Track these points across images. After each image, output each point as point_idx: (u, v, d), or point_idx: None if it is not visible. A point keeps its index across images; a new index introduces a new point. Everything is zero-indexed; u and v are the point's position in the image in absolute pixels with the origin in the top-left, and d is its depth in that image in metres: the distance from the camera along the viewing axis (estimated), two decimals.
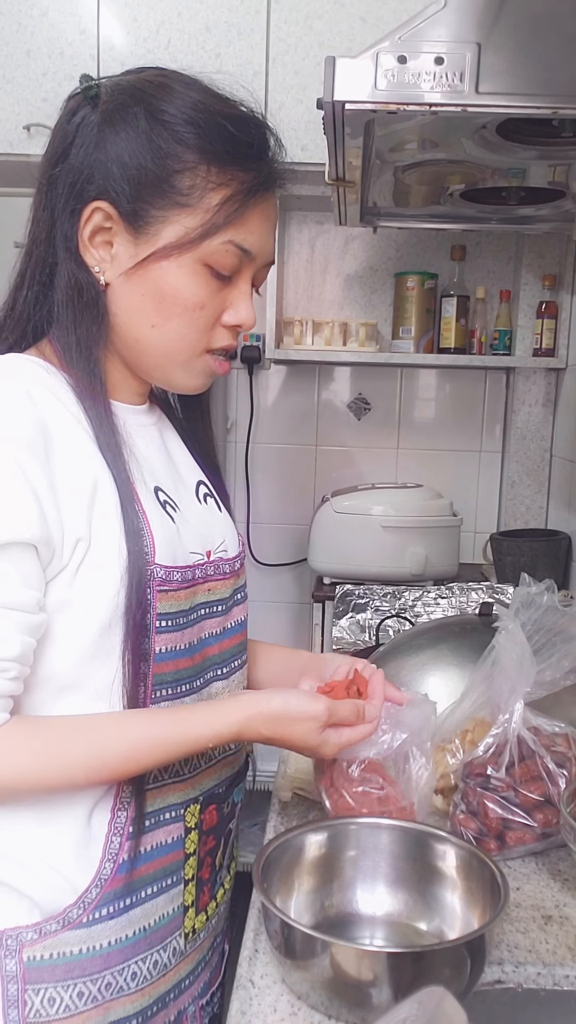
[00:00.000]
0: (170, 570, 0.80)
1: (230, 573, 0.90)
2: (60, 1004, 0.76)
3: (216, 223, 0.78)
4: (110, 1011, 0.78)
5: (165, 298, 0.79)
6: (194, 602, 0.84)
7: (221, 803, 0.88)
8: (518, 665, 0.93)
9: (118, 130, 0.78)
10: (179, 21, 1.99)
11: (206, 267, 0.79)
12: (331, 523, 2.16)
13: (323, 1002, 0.70)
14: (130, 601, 0.76)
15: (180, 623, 0.81)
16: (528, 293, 2.34)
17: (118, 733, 0.76)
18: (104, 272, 0.80)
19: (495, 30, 1.06)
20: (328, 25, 1.97)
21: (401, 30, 1.08)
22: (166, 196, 0.77)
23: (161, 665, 0.79)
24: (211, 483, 0.95)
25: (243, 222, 0.79)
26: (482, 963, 0.70)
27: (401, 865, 0.83)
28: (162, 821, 0.81)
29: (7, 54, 2.01)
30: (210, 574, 0.87)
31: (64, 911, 0.76)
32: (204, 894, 0.86)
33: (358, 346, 2.37)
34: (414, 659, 1.24)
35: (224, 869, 0.92)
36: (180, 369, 0.84)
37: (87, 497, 0.75)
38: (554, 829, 0.91)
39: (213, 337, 0.83)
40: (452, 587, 1.88)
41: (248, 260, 0.81)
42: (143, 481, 0.81)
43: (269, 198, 0.82)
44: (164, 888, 0.82)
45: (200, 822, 0.85)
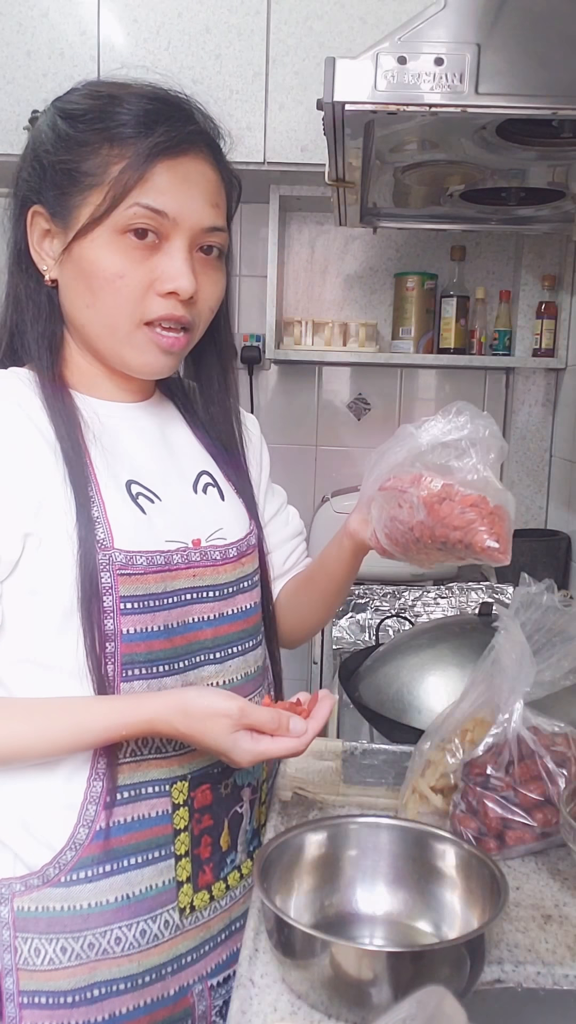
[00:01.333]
0: (132, 554, 0.84)
1: (222, 560, 0.92)
2: (45, 956, 0.82)
3: (118, 191, 0.81)
4: (96, 971, 0.82)
5: (88, 275, 0.84)
6: (172, 587, 0.87)
7: (216, 783, 0.90)
8: (518, 665, 0.93)
9: (37, 140, 0.87)
10: (179, 22, 1.99)
11: (122, 235, 0.82)
12: (331, 523, 2.16)
13: (323, 1001, 0.70)
14: (83, 583, 0.81)
15: (150, 605, 0.85)
16: (528, 293, 2.34)
17: (45, 713, 0.81)
18: (49, 270, 0.87)
19: (495, 31, 1.07)
20: (328, 26, 1.97)
21: (401, 31, 1.08)
22: (77, 182, 0.83)
23: (131, 645, 0.83)
24: (224, 474, 0.98)
25: (147, 183, 0.82)
26: (482, 962, 0.70)
27: (401, 864, 0.83)
28: (144, 795, 0.85)
29: (7, 55, 2.01)
30: (195, 560, 0.89)
31: (42, 868, 0.83)
32: (204, 872, 0.89)
33: (358, 346, 2.37)
34: (414, 659, 1.24)
35: (238, 852, 0.93)
36: (125, 347, 0.86)
37: (35, 496, 0.81)
38: (554, 829, 0.91)
39: (147, 307, 0.84)
40: (452, 587, 1.88)
41: (168, 222, 0.83)
42: (112, 474, 0.86)
43: (180, 158, 0.83)
44: (151, 860, 0.85)
45: (190, 799, 0.88)
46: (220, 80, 1.99)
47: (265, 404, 2.55)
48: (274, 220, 2.27)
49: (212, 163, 0.87)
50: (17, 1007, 0.82)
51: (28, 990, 0.82)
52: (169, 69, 2.17)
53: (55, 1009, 0.82)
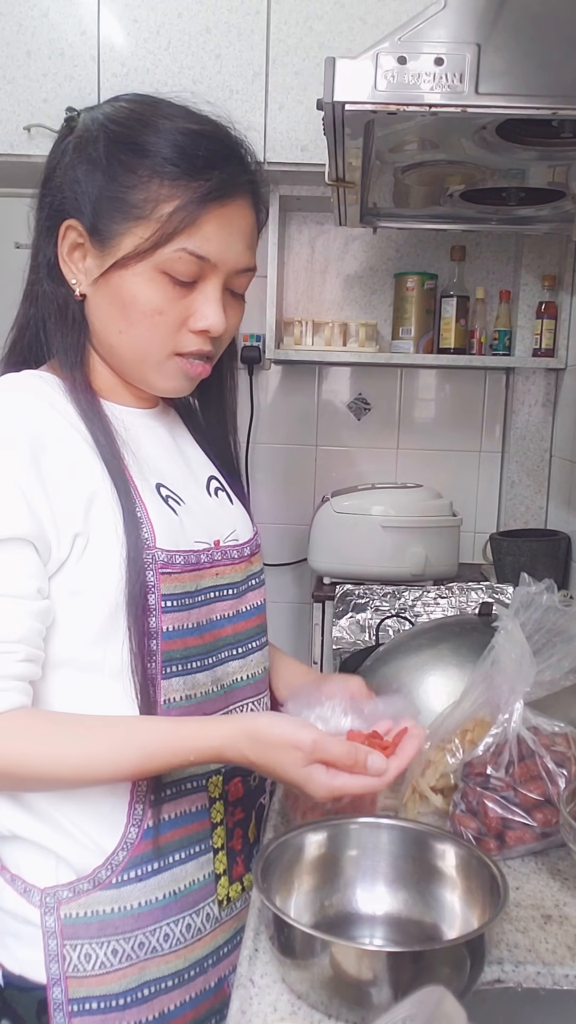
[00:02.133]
0: (172, 554, 0.85)
1: (239, 559, 0.95)
2: (96, 960, 0.82)
3: (167, 232, 0.82)
4: (145, 970, 0.84)
5: (126, 305, 0.85)
6: (201, 585, 0.89)
7: (247, 775, 0.92)
8: (517, 665, 0.93)
9: (82, 155, 0.85)
10: (179, 22, 1.99)
11: (163, 274, 0.83)
12: (331, 523, 2.16)
13: (323, 1001, 0.70)
14: (131, 582, 0.81)
15: (186, 603, 0.86)
16: (528, 293, 2.34)
17: (111, 737, 0.79)
18: (79, 284, 0.87)
19: (495, 31, 1.07)
20: (328, 26, 1.97)
21: (401, 31, 1.08)
22: (122, 211, 0.83)
23: (170, 643, 0.85)
24: (225, 480, 1.01)
25: (196, 229, 0.82)
26: (482, 962, 0.70)
27: (401, 864, 0.83)
28: (184, 791, 0.87)
29: (8, 55, 2.01)
30: (217, 559, 0.92)
31: (94, 872, 0.83)
32: (237, 864, 0.91)
33: (358, 346, 2.37)
34: (414, 659, 1.24)
35: (260, 843, 0.95)
36: (153, 372, 0.89)
37: (84, 495, 0.82)
38: (554, 829, 0.91)
39: (180, 341, 0.87)
40: (452, 587, 1.88)
41: (209, 266, 0.84)
42: (143, 477, 0.88)
43: (228, 205, 0.84)
44: (193, 855, 0.87)
45: (225, 793, 0.90)
46: (220, 80, 2.00)
47: (265, 404, 2.55)
48: (274, 220, 2.27)
49: (253, 205, 0.88)
50: (66, 1016, 0.81)
51: (78, 997, 0.81)
52: (169, 69, 2.19)
53: (107, 1013, 0.82)
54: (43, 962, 0.82)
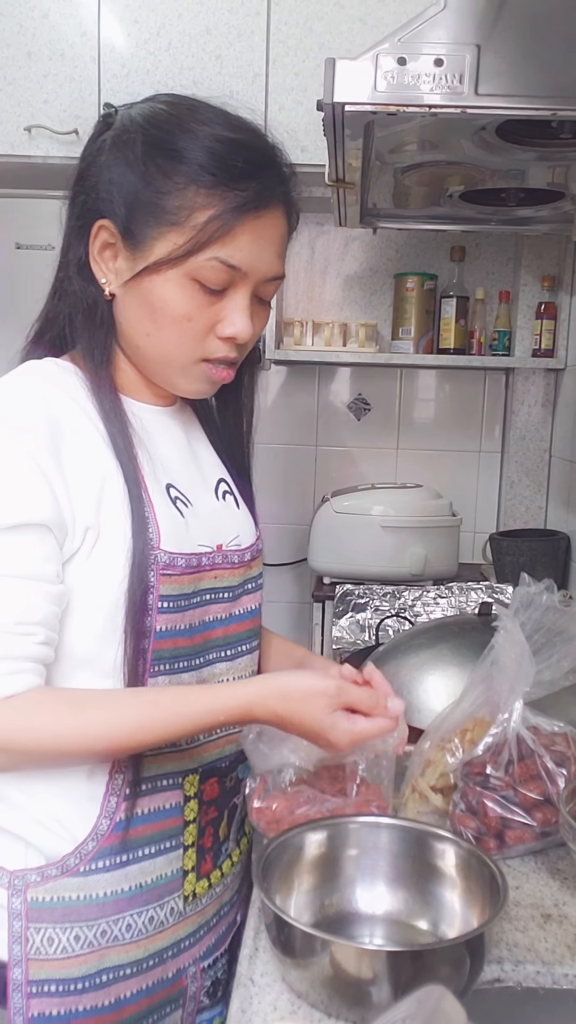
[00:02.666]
0: (174, 556, 0.86)
1: (239, 563, 0.95)
2: (58, 945, 0.83)
3: (201, 240, 0.82)
4: (105, 957, 0.85)
5: (155, 309, 0.85)
6: (198, 587, 0.89)
7: (223, 776, 0.93)
8: (517, 665, 0.93)
9: (119, 155, 0.84)
10: (180, 23, 1.99)
11: (194, 281, 0.83)
12: (331, 523, 2.16)
13: (323, 1000, 0.70)
14: (132, 581, 0.82)
15: (181, 605, 0.87)
16: (527, 294, 2.34)
17: (138, 704, 0.81)
18: (109, 284, 0.87)
19: (494, 32, 1.07)
20: (328, 27, 1.97)
21: (401, 32, 1.08)
22: (157, 216, 0.83)
23: (160, 643, 0.85)
24: (235, 483, 1.02)
25: (230, 239, 0.82)
26: (481, 962, 0.70)
27: (401, 864, 0.83)
28: (160, 787, 0.87)
29: (8, 55, 2.01)
30: (218, 563, 0.92)
31: (63, 859, 0.84)
32: (206, 861, 0.91)
33: (358, 347, 2.37)
34: (413, 659, 1.24)
35: (231, 841, 0.96)
36: (178, 375, 0.89)
37: (96, 489, 0.83)
38: (553, 828, 0.91)
39: (207, 347, 0.87)
40: (451, 587, 1.88)
41: (239, 275, 0.84)
42: (155, 477, 0.88)
43: (263, 216, 0.84)
44: (163, 851, 0.88)
45: (200, 792, 0.90)
46: (220, 81, 2.00)
47: (265, 404, 2.55)
48: None
49: (286, 215, 0.88)
50: (24, 997, 0.83)
51: (37, 979, 0.83)
52: (170, 70, 2.20)
53: (64, 996, 0.83)
54: (6, 942, 0.83)
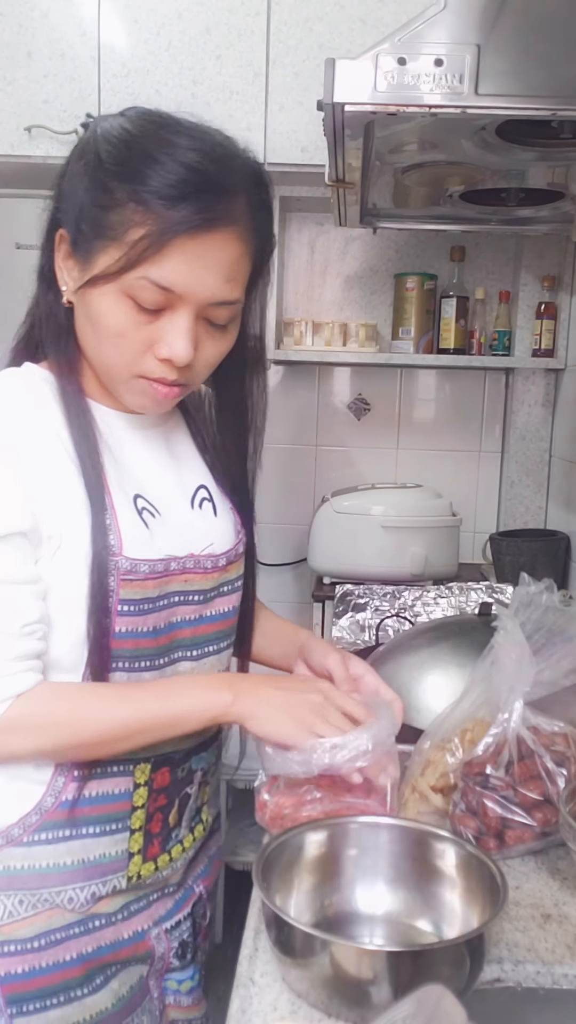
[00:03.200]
0: (136, 562, 0.87)
1: (212, 569, 0.95)
2: (3, 910, 0.87)
3: (132, 258, 0.80)
4: (53, 918, 0.88)
5: (94, 322, 0.85)
6: (165, 590, 0.90)
7: (176, 767, 0.94)
8: (517, 664, 0.93)
9: (79, 167, 0.85)
10: (180, 23, 1.99)
11: (129, 298, 0.82)
12: (331, 523, 2.16)
13: (323, 1001, 0.70)
14: (92, 585, 0.84)
15: (144, 608, 0.88)
16: (527, 294, 2.34)
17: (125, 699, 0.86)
18: (67, 292, 0.87)
19: (494, 32, 1.07)
20: (328, 27, 1.97)
21: (401, 32, 1.08)
22: (99, 230, 0.82)
23: (121, 643, 0.87)
24: (220, 485, 1.01)
25: (161, 259, 0.80)
26: (481, 962, 0.70)
27: (400, 864, 0.83)
28: (110, 773, 0.89)
29: (8, 55, 2.01)
30: (189, 567, 0.93)
31: (7, 828, 0.87)
32: (153, 846, 0.93)
33: (358, 347, 2.37)
34: (413, 659, 1.24)
35: (182, 828, 0.97)
36: (121, 388, 0.89)
37: (58, 497, 0.84)
38: (553, 828, 0.91)
39: (144, 365, 0.85)
40: (451, 587, 1.88)
41: (175, 297, 0.82)
42: (122, 486, 0.89)
43: (201, 237, 0.80)
44: (108, 832, 0.90)
45: (151, 780, 0.92)
46: (220, 81, 2.00)
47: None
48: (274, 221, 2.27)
49: (238, 235, 0.83)
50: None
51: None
52: (170, 70, 2.20)
53: (24, 955, 0.87)
54: None
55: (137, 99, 1.99)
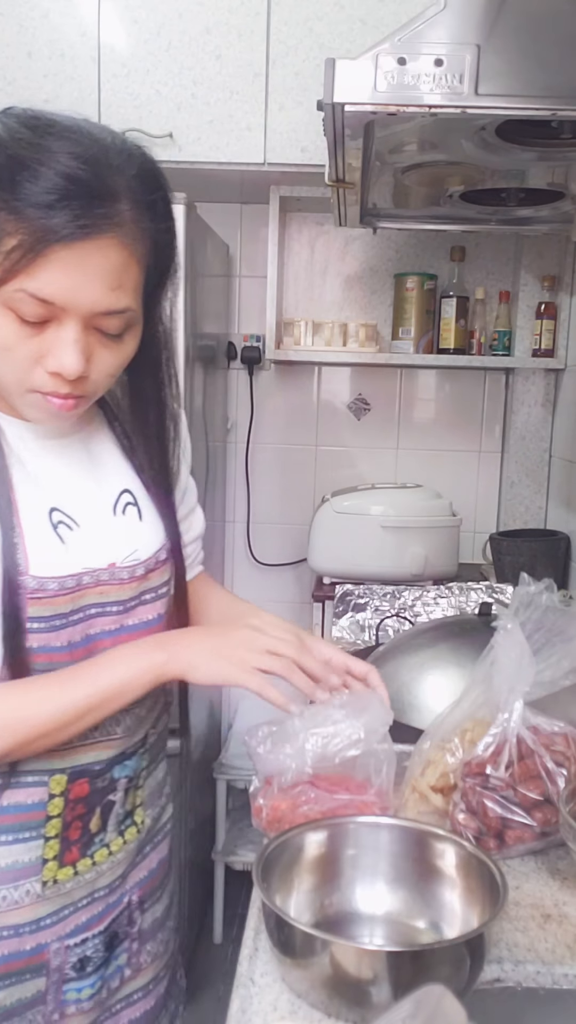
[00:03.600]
0: (43, 580, 0.85)
1: (129, 579, 0.92)
2: None
3: (7, 269, 0.75)
4: None
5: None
6: (79, 604, 0.88)
7: (95, 777, 0.92)
8: (517, 664, 0.93)
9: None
10: (180, 22, 1.99)
11: (10, 311, 0.78)
12: (331, 523, 2.16)
13: (323, 1001, 0.70)
14: (4, 609, 0.83)
15: (56, 624, 0.86)
16: (527, 294, 2.34)
17: (63, 687, 0.84)
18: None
19: (494, 32, 1.07)
20: (328, 27, 1.97)
21: (401, 32, 1.08)
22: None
23: (34, 657, 0.86)
24: (145, 487, 0.96)
25: (36, 270, 0.75)
26: (481, 962, 0.70)
27: (400, 864, 0.83)
28: (23, 783, 0.88)
29: (8, 55, 2.01)
30: (103, 579, 0.90)
31: None
32: (71, 851, 0.91)
33: (358, 347, 2.37)
34: (413, 659, 1.24)
35: (108, 832, 0.95)
36: (18, 403, 0.85)
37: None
38: (553, 828, 0.91)
39: (34, 379, 0.81)
40: (451, 587, 1.88)
41: (57, 309, 0.77)
42: (34, 502, 0.87)
43: (77, 246, 0.75)
44: (21, 839, 0.88)
45: (67, 791, 0.90)
46: (220, 81, 2.00)
47: (265, 404, 2.55)
48: (274, 221, 2.27)
49: (121, 241, 0.78)
50: None
51: None
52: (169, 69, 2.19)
53: None
54: None
55: (137, 99, 2.01)
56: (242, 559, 2.59)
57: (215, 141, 2.01)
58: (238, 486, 2.57)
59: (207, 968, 2.25)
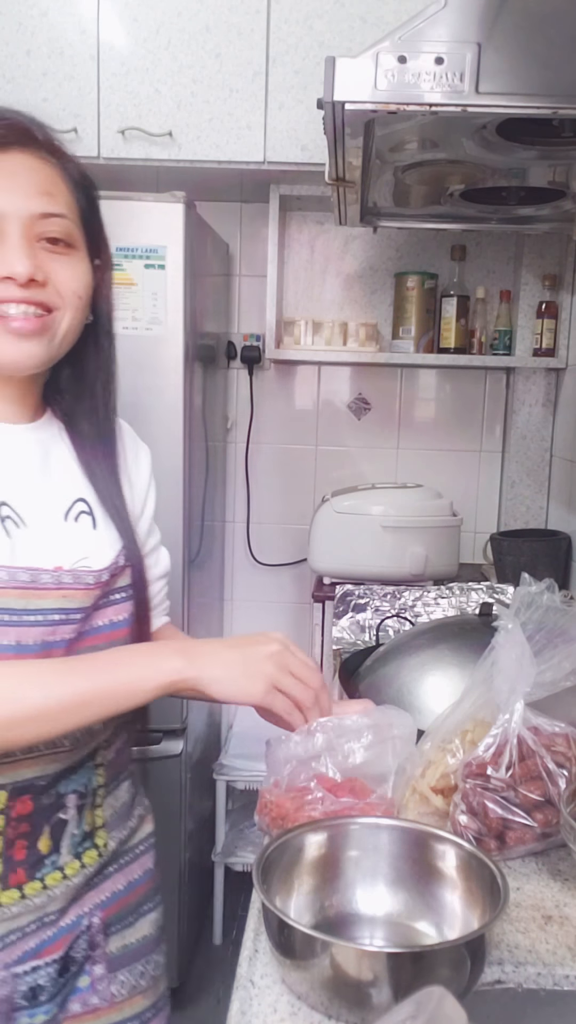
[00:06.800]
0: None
1: (94, 584, 0.91)
2: None
3: None
4: None
5: None
6: (36, 605, 0.86)
7: (39, 794, 0.89)
8: (518, 665, 0.93)
9: None
10: (179, 21, 1.99)
11: None
12: (331, 523, 2.16)
13: (323, 1002, 0.70)
14: None
15: (3, 620, 0.84)
16: (528, 293, 2.34)
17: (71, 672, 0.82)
18: None
19: (495, 30, 1.07)
20: (328, 25, 1.97)
21: (401, 30, 1.08)
22: None
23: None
24: (101, 498, 0.96)
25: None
26: (482, 963, 0.69)
27: (401, 865, 0.82)
28: None
29: (7, 54, 2.01)
30: (66, 582, 0.88)
31: None
32: (16, 873, 0.87)
33: (358, 346, 2.37)
34: (414, 659, 1.24)
35: (62, 855, 0.91)
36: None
37: None
38: (554, 829, 0.91)
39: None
40: (452, 587, 1.88)
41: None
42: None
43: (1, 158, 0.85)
44: None
45: (8, 808, 0.86)
46: (220, 79, 1.99)
47: (265, 404, 2.55)
48: (274, 220, 2.27)
49: (42, 158, 0.87)
50: None
51: None
52: (169, 68, 2.19)
53: None
54: None
55: (137, 97, 2.00)
56: (242, 559, 2.59)
57: (215, 140, 2.01)
58: (238, 486, 2.56)
59: (206, 970, 2.25)
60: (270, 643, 0.85)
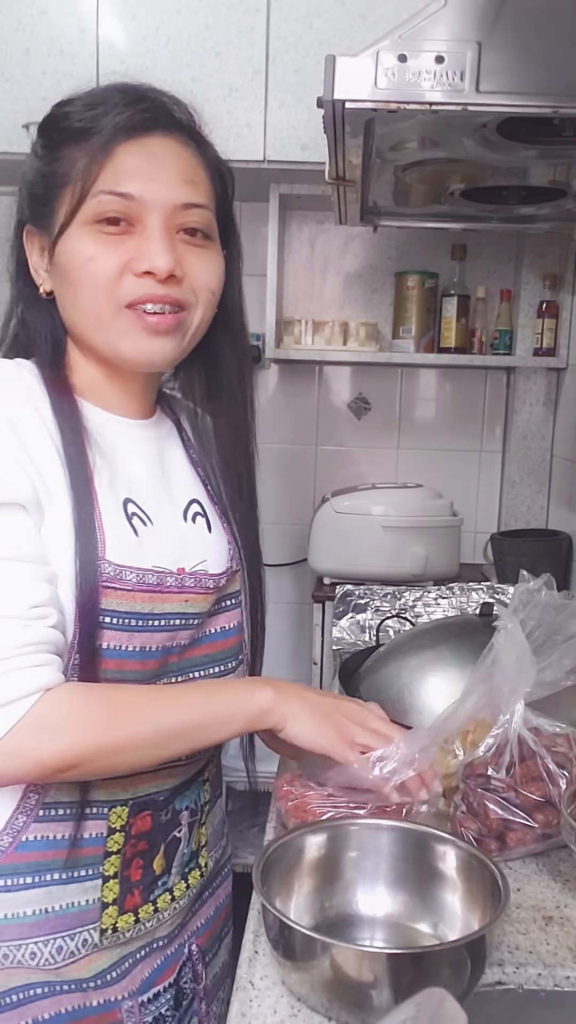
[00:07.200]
0: (121, 569, 0.81)
1: (214, 588, 0.90)
2: None
3: (87, 182, 0.81)
4: (13, 976, 0.79)
5: (65, 269, 0.83)
6: (161, 609, 0.84)
7: (158, 810, 0.87)
8: (518, 665, 0.92)
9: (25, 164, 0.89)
10: (178, 19, 1.98)
11: (93, 224, 0.82)
12: (331, 523, 2.16)
13: (323, 1004, 0.70)
14: (81, 591, 0.78)
15: (130, 624, 0.81)
16: (529, 293, 2.33)
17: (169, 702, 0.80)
18: (44, 282, 0.87)
19: (496, 29, 1.06)
20: (328, 23, 1.96)
21: (401, 28, 1.08)
22: (52, 187, 0.84)
23: (104, 662, 0.80)
24: (212, 501, 0.96)
25: (111, 169, 0.81)
26: (482, 964, 0.69)
27: (401, 866, 0.82)
28: (82, 815, 0.81)
29: (6, 52, 2.01)
30: (188, 586, 0.87)
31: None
32: (133, 895, 0.85)
33: (358, 346, 2.37)
34: (414, 659, 1.23)
35: (172, 875, 0.89)
36: (112, 334, 0.84)
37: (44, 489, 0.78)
38: (555, 830, 0.90)
39: (124, 289, 0.82)
40: (452, 587, 1.87)
41: (136, 204, 0.81)
42: (111, 488, 0.84)
43: (143, 141, 0.82)
44: (77, 879, 0.82)
45: (128, 825, 0.84)
46: (220, 78, 1.99)
47: (265, 404, 2.54)
48: (274, 219, 2.27)
49: (184, 142, 0.85)
50: None
51: None
52: (168, 67, 2.19)
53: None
54: None
55: None
56: None
57: (214, 138, 1.99)
58: None
59: None
60: (352, 703, 0.87)
